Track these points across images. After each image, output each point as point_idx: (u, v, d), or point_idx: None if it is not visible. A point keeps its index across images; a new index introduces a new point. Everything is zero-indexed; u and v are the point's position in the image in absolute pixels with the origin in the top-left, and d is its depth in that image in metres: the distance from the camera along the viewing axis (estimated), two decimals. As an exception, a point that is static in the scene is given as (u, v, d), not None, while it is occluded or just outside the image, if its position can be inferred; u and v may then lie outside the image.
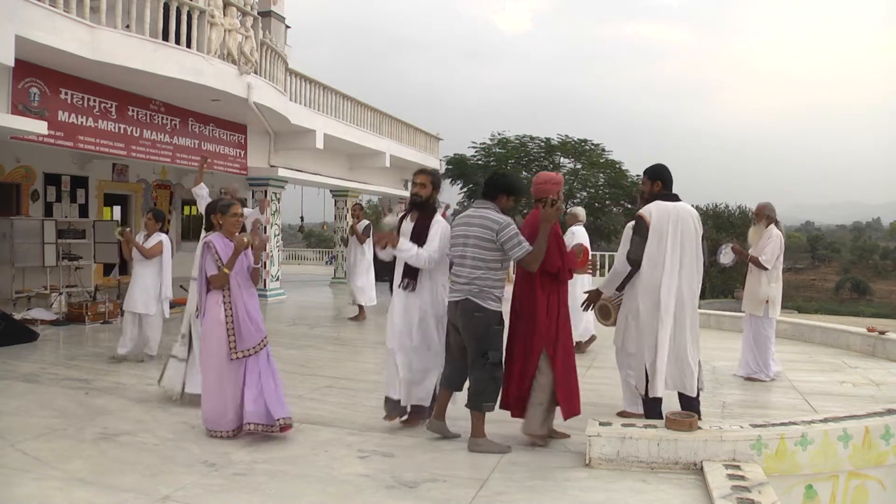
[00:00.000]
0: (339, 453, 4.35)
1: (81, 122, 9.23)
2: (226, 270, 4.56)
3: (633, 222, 4.81)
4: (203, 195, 7.16)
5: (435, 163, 21.94)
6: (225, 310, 4.59)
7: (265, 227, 13.07)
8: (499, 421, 4.62)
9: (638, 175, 27.16)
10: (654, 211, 4.63)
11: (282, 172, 13.60)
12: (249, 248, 4.76)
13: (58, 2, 7.70)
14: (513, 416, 4.59)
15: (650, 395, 4.61)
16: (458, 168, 27.01)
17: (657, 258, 4.59)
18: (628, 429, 4.18)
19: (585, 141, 26.82)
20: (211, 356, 4.61)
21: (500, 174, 4.82)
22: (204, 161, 7.61)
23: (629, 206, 25.89)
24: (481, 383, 4.38)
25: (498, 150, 27.09)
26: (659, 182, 4.77)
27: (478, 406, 4.39)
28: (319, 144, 14.17)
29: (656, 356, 4.56)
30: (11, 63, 7.19)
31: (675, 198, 4.74)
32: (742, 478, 3.69)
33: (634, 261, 4.66)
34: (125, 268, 13.57)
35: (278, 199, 13.97)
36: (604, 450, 4.09)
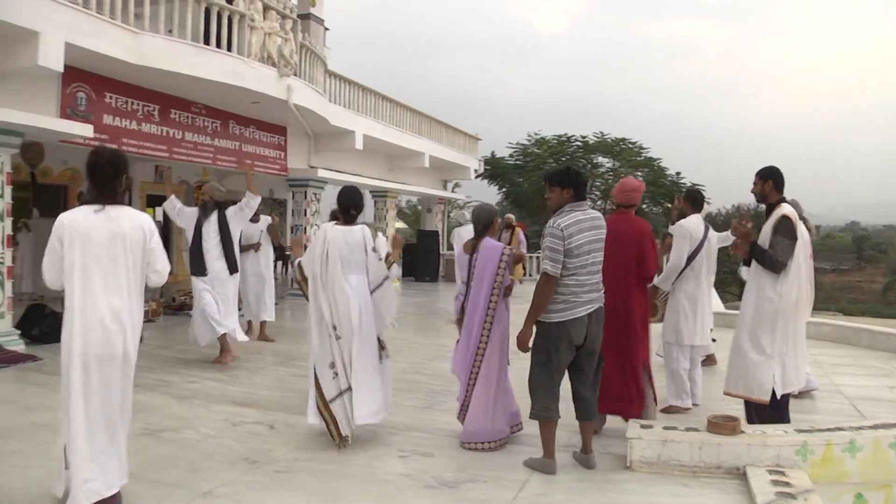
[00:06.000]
0: (379, 452, 4.37)
1: (125, 125, 9.42)
2: (513, 278, 4.64)
3: (774, 223, 4.55)
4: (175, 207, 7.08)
5: (474, 163, 21.84)
6: (509, 315, 4.65)
7: (304, 228, 13.20)
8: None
9: (678, 173, 26.80)
10: (794, 212, 4.58)
11: (322, 173, 13.71)
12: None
13: (104, 9, 7.88)
14: (604, 412, 4.76)
15: (783, 392, 4.57)
16: (494, 168, 26.85)
17: (796, 258, 4.56)
18: (670, 431, 4.12)
19: (623, 140, 26.48)
20: (500, 366, 4.54)
21: (580, 171, 4.32)
22: (248, 165, 7.67)
23: (669, 205, 25.53)
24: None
25: (535, 149, 26.90)
26: (771, 181, 4.67)
27: (596, 413, 4.32)
28: (359, 145, 14.25)
29: (799, 351, 4.62)
30: (61, 69, 7.38)
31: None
32: (787, 484, 3.61)
33: (784, 263, 4.49)
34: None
35: (318, 200, 14.09)
36: (644, 453, 4.04)
